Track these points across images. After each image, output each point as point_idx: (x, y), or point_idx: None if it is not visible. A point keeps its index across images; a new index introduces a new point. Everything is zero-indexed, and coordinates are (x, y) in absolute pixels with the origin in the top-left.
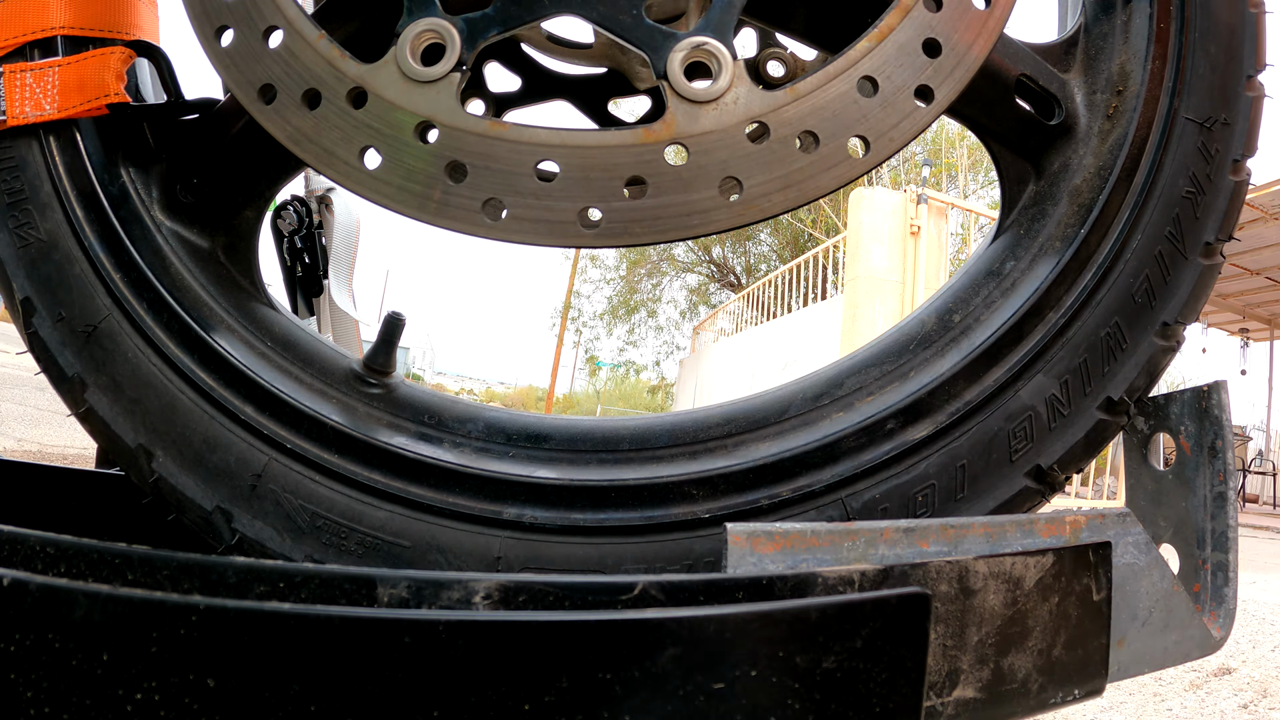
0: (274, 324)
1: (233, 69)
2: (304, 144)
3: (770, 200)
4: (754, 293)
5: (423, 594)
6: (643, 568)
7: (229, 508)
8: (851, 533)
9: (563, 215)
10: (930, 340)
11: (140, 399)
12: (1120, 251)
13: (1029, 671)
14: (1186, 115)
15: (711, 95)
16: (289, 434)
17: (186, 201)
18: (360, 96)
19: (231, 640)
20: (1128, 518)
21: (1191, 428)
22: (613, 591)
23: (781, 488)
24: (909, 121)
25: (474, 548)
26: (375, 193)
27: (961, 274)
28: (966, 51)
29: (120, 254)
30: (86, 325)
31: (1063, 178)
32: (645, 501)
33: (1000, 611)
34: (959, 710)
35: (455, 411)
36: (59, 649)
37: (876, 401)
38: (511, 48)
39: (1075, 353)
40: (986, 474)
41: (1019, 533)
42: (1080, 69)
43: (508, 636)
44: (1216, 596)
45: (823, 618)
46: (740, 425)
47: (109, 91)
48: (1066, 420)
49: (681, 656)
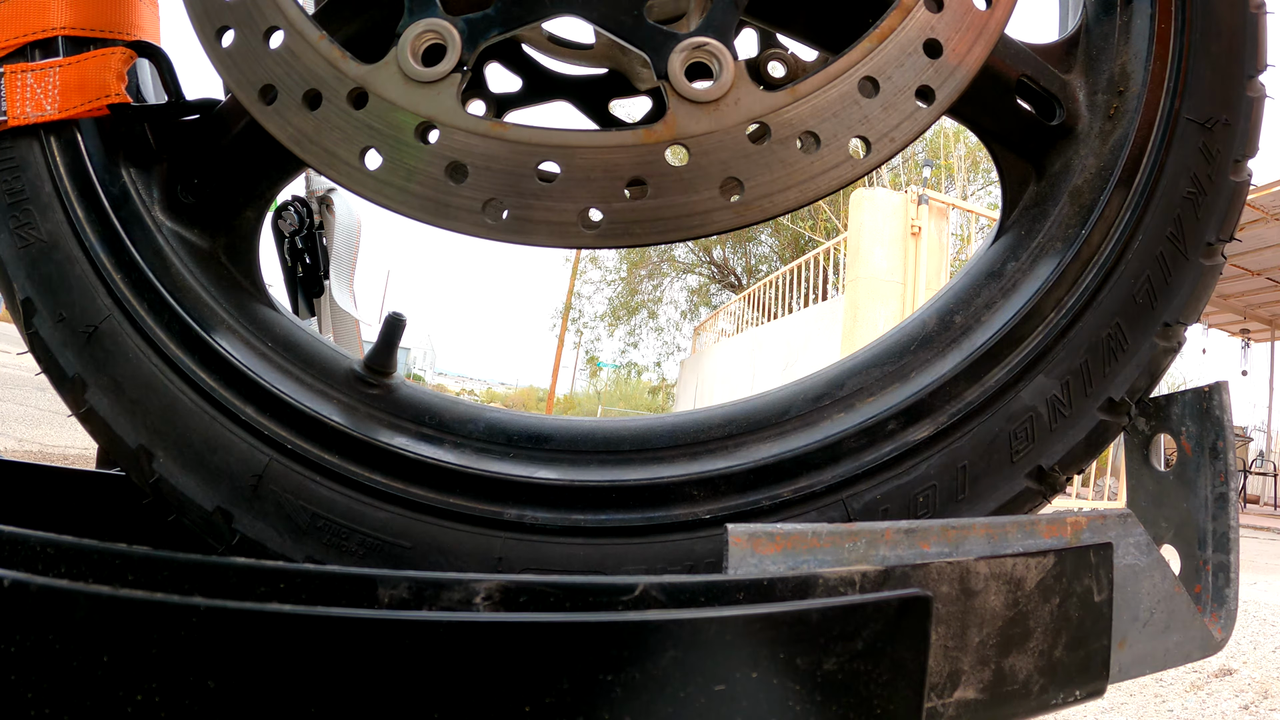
0: (275, 324)
1: (234, 69)
2: (305, 144)
3: (771, 201)
4: (755, 294)
5: (424, 595)
6: (644, 569)
7: (229, 508)
8: (852, 534)
9: (564, 216)
10: (931, 341)
11: (141, 399)
12: (1121, 252)
13: (1030, 673)
14: (1188, 116)
15: (712, 96)
16: (290, 435)
17: (187, 202)
18: (361, 97)
19: (232, 641)
20: (1129, 519)
21: (1193, 428)
22: (614, 593)
23: (782, 489)
24: (910, 122)
25: (475, 549)
26: (376, 193)
27: (962, 274)
28: (967, 52)
29: (121, 254)
30: (87, 326)
31: (1064, 178)
32: (646, 502)
33: (1001, 612)
34: (960, 711)
35: (456, 412)
36: (60, 650)
37: (878, 402)
38: (512, 48)
39: (1076, 353)
40: (987, 475)
41: (1020, 534)
42: (1081, 69)
43: (509, 637)
44: (1218, 597)
45: (824, 619)
46: (741, 426)
47: (110, 92)
48: (1067, 421)
49: (682, 658)
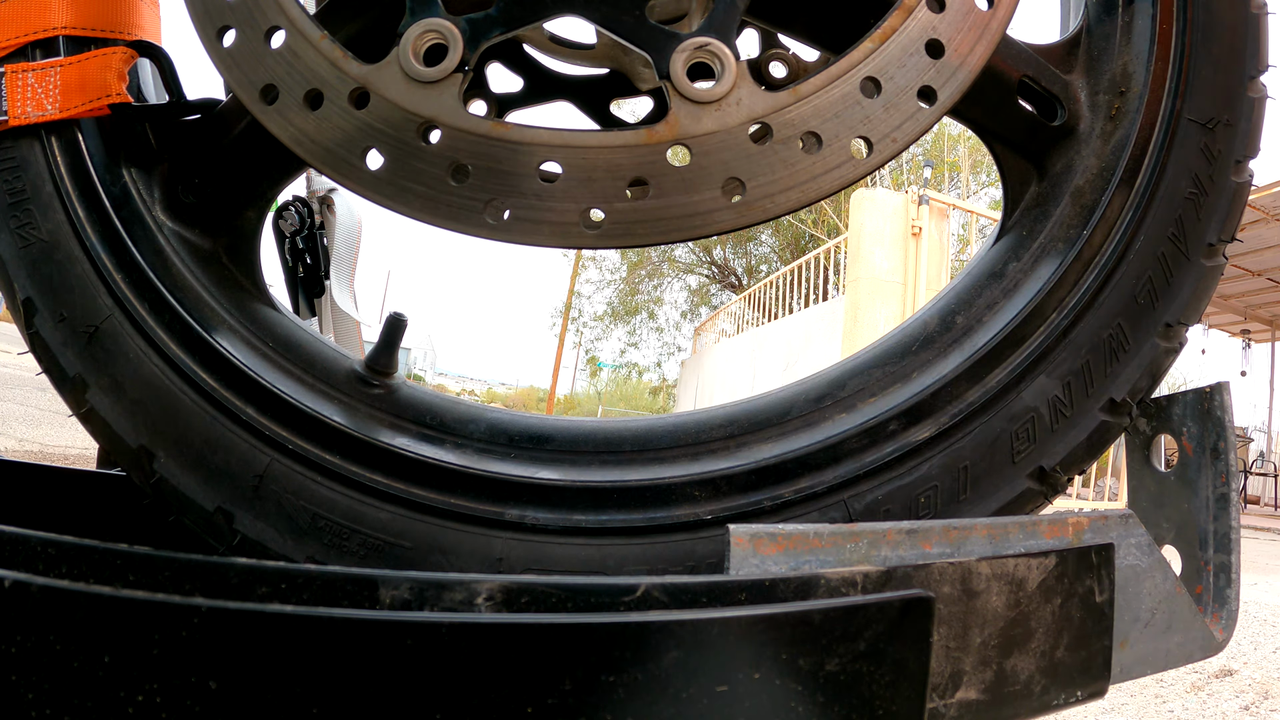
0: (276, 325)
1: (235, 69)
2: (306, 144)
3: (773, 201)
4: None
5: (425, 595)
6: (645, 569)
7: (230, 509)
8: (854, 534)
9: (565, 216)
10: (932, 341)
11: (142, 400)
12: (1123, 252)
13: (1031, 673)
14: (1189, 116)
15: (714, 96)
16: (291, 435)
17: (188, 202)
18: (363, 97)
19: (234, 642)
20: (1130, 519)
21: (1194, 429)
22: (615, 593)
23: (784, 489)
24: (912, 123)
25: (476, 549)
26: (377, 193)
27: (964, 275)
28: (969, 52)
29: (122, 254)
30: (88, 326)
31: (1065, 179)
32: (647, 503)
33: (1003, 613)
34: (962, 712)
35: (457, 412)
36: (61, 651)
37: (879, 403)
38: (514, 48)
39: (1078, 354)
40: (989, 475)
41: (1022, 534)
42: (1082, 70)
43: (510, 638)
44: (1219, 598)
45: (826, 620)
46: (742, 426)
47: (111, 92)
48: (1069, 421)
49: (684, 659)
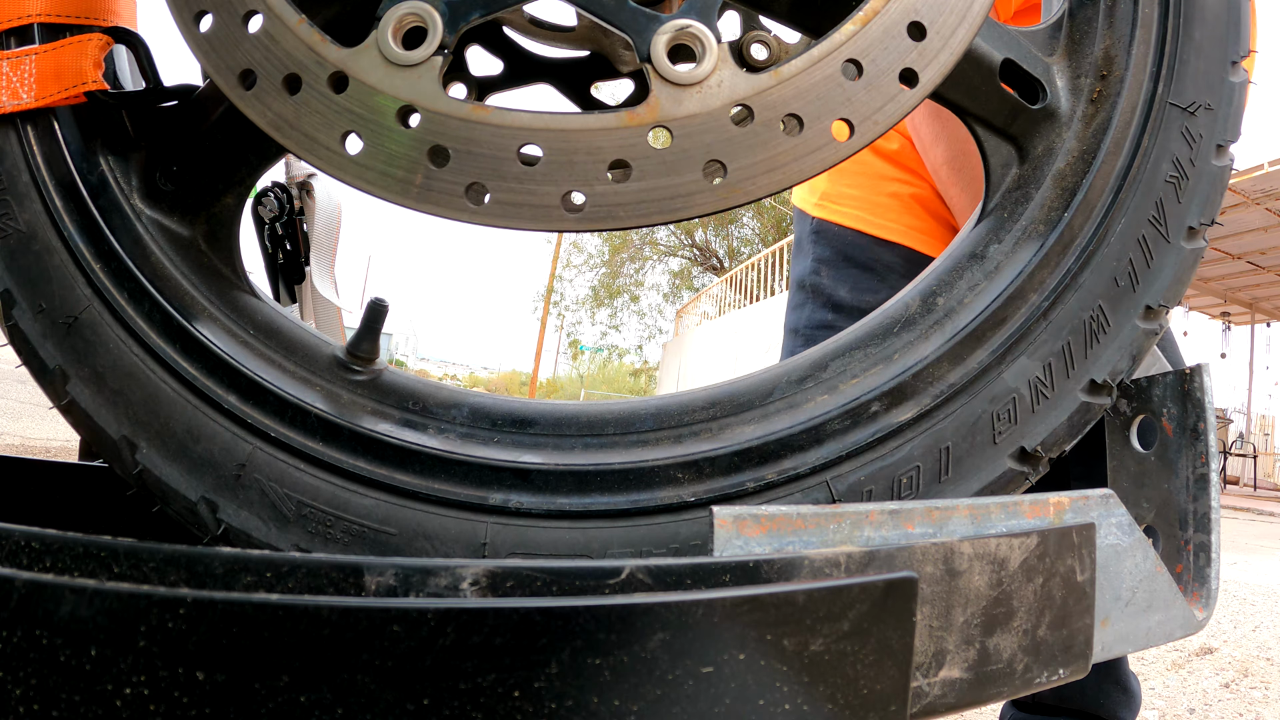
0: (256, 312)
1: (212, 54)
2: (285, 129)
3: (754, 183)
4: (737, 276)
5: (410, 581)
6: (629, 552)
7: (214, 498)
8: (837, 515)
9: (546, 199)
10: (914, 323)
11: (123, 390)
12: (1103, 235)
13: (1014, 652)
14: (1170, 100)
15: (695, 78)
16: (273, 422)
17: (166, 189)
18: (341, 81)
19: (219, 632)
20: (1111, 499)
21: (1174, 410)
22: (600, 576)
23: (767, 471)
24: (893, 105)
25: (461, 534)
26: (357, 178)
27: (945, 257)
28: (951, 35)
29: (100, 244)
30: (67, 316)
31: (1046, 161)
32: (631, 485)
33: (985, 593)
34: (946, 690)
35: (439, 397)
36: (46, 644)
37: (861, 384)
38: (494, 31)
39: (1058, 335)
40: (970, 456)
41: (1003, 514)
42: (1065, 53)
43: (496, 623)
44: (1199, 577)
45: (810, 601)
46: (724, 408)
47: (87, 79)
48: (1050, 402)
49: (670, 641)
